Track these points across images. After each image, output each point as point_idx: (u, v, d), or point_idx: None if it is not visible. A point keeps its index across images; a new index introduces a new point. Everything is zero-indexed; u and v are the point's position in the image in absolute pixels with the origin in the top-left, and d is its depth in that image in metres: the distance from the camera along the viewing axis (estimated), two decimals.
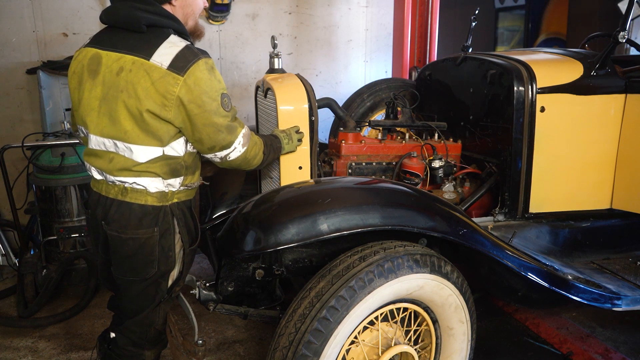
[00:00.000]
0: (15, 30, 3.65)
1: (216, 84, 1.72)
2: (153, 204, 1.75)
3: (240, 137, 1.83)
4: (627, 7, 2.38)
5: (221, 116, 1.74)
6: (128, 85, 1.64)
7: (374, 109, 3.46)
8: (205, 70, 1.68)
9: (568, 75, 2.45)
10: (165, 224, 1.78)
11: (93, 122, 1.73)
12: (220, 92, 1.73)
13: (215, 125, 1.72)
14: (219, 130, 1.74)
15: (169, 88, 1.63)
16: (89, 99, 1.72)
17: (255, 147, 1.91)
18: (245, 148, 1.86)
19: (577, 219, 2.54)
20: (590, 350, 2.60)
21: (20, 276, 3.25)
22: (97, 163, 1.78)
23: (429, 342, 2.03)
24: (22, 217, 3.52)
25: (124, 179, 1.73)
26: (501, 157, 2.48)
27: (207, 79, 1.68)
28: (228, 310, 2.00)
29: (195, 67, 1.66)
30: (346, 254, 1.77)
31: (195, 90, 1.66)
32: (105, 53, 1.70)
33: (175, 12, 1.80)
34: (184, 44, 1.69)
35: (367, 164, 2.51)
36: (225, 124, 1.75)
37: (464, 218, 1.98)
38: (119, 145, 1.71)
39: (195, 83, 1.65)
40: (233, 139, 1.80)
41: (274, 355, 1.66)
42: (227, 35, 4.30)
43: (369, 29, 4.90)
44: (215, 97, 1.71)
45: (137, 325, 1.89)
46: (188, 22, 1.87)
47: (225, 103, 1.76)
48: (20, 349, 2.78)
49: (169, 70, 1.63)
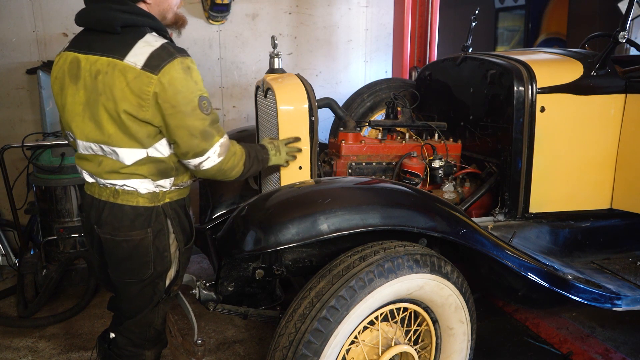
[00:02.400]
0: (15, 30, 3.65)
1: (192, 84, 1.65)
2: (145, 205, 1.74)
3: (217, 146, 1.75)
4: (627, 7, 2.38)
5: (197, 119, 1.66)
6: (105, 88, 1.62)
7: (374, 109, 3.46)
8: (181, 69, 1.63)
9: (568, 75, 2.45)
10: (158, 225, 1.77)
11: (78, 127, 1.71)
12: (198, 94, 1.67)
13: (188, 129, 1.66)
14: (192, 135, 1.67)
15: (143, 88, 1.59)
16: (72, 105, 1.71)
17: (234, 157, 1.83)
18: (222, 159, 1.77)
19: (577, 219, 2.54)
20: (590, 350, 2.60)
21: (20, 276, 3.24)
22: (87, 167, 1.78)
23: (429, 342, 2.03)
24: (22, 217, 3.52)
25: (114, 182, 1.72)
26: (501, 157, 2.48)
27: (182, 79, 1.63)
28: (228, 310, 1.99)
29: (170, 66, 1.60)
30: (346, 254, 1.78)
31: (170, 90, 1.61)
32: (84, 57, 1.67)
33: (151, 9, 1.75)
34: (159, 43, 1.64)
35: (367, 164, 2.51)
36: (200, 128, 1.68)
37: (464, 218, 1.98)
38: (105, 148, 1.70)
39: (170, 82, 1.60)
40: (207, 146, 1.72)
41: (274, 355, 1.66)
42: (227, 35, 4.30)
43: (369, 29, 4.89)
44: (190, 98, 1.65)
45: (136, 326, 1.89)
46: (166, 16, 1.82)
47: (204, 106, 1.68)
48: (20, 349, 2.78)
49: (143, 69, 1.59)
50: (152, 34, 1.68)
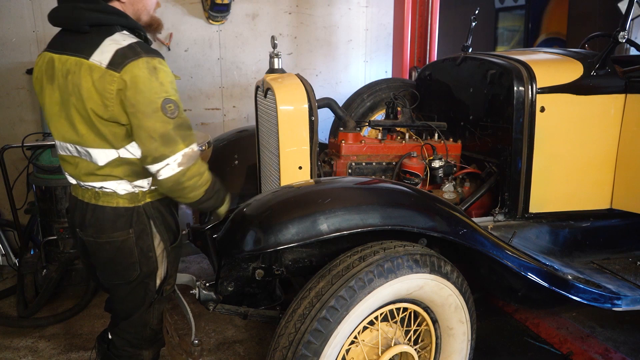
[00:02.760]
0: (15, 30, 3.65)
1: (156, 85, 1.59)
2: (125, 205, 1.73)
3: (180, 155, 1.64)
4: (627, 7, 2.38)
5: (158, 121, 1.59)
6: (75, 88, 1.60)
7: (374, 109, 3.46)
8: (145, 69, 1.57)
9: (568, 75, 2.45)
10: (140, 225, 1.75)
11: (56, 128, 1.72)
12: (163, 95, 1.60)
13: (147, 130, 1.59)
14: (151, 137, 1.60)
15: (106, 86, 1.57)
16: (50, 105, 1.71)
17: (197, 178, 1.72)
18: (181, 169, 1.65)
19: (577, 219, 2.54)
20: (590, 350, 2.60)
21: (20, 276, 3.24)
22: (67, 169, 1.78)
23: (428, 342, 2.03)
24: (22, 217, 3.52)
25: (92, 184, 1.71)
26: (501, 157, 2.48)
27: (145, 78, 1.57)
28: (228, 310, 1.99)
29: (133, 64, 1.56)
30: (346, 254, 1.77)
31: (131, 88, 1.56)
32: (57, 57, 1.66)
33: (126, 8, 1.73)
34: (127, 42, 1.60)
35: (367, 164, 2.51)
36: (161, 131, 1.60)
37: (464, 218, 1.98)
38: (79, 149, 1.69)
39: (132, 80, 1.56)
40: (168, 153, 1.62)
41: (274, 356, 1.66)
42: (227, 35, 4.30)
43: (369, 29, 4.89)
44: (153, 99, 1.58)
45: (131, 326, 1.89)
46: (141, 17, 1.79)
47: (169, 109, 1.61)
48: (20, 349, 2.78)
49: (107, 68, 1.56)
50: (123, 32, 1.65)
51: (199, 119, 4.34)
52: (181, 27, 4.11)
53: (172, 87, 1.64)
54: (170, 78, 1.65)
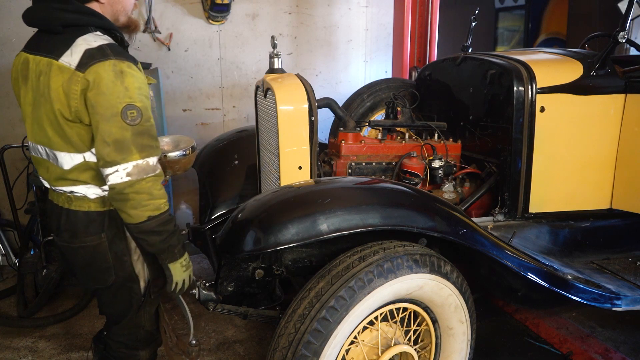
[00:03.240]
0: (16, 30, 3.65)
1: (120, 90, 1.54)
2: (97, 209, 1.71)
3: (130, 165, 1.56)
4: (627, 7, 2.38)
5: (115, 126, 1.54)
6: (45, 89, 1.58)
7: (374, 109, 3.46)
8: (111, 71, 1.53)
9: (568, 75, 2.45)
10: (113, 229, 1.74)
11: (28, 128, 1.70)
12: (126, 101, 1.54)
13: (102, 133, 1.55)
14: (104, 141, 1.55)
15: (72, 87, 1.54)
16: (24, 106, 1.70)
17: (146, 197, 1.59)
18: (129, 180, 1.56)
19: (577, 219, 2.54)
20: (590, 350, 2.60)
21: (20, 276, 3.25)
22: (40, 172, 1.76)
23: (428, 342, 2.03)
24: (22, 217, 3.52)
25: (62, 188, 1.69)
26: (501, 157, 2.48)
27: (109, 81, 1.53)
28: (228, 310, 1.99)
29: (99, 65, 1.53)
30: (346, 254, 1.77)
31: (93, 89, 1.53)
32: (32, 57, 1.64)
33: (104, 9, 1.71)
34: (98, 44, 1.57)
35: (367, 164, 2.51)
36: (116, 136, 1.54)
37: (463, 218, 1.98)
38: (48, 152, 1.68)
39: (95, 81, 1.52)
40: (119, 160, 1.55)
41: (274, 356, 1.66)
42: (227, 35, 4.30)
43: (369, 29, 4.89)
44: (113, 103, 1.53)
45: (123, 330, 1.89)
46: (119, 18, 1.77)
47: (131, 116, 1.55)
48: (20, 349, 2.78)
49: (75, 69, 1.54)
50: (96, 33, 1.62)
51: (199, 119, 4.34)
52: (181, 27, 4.11)
53: (139, 93, 1.59)
54: (138, 84, 1.60)
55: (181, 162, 2.08)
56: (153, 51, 4.04)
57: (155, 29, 3.99)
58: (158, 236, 1.65)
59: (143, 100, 1.60)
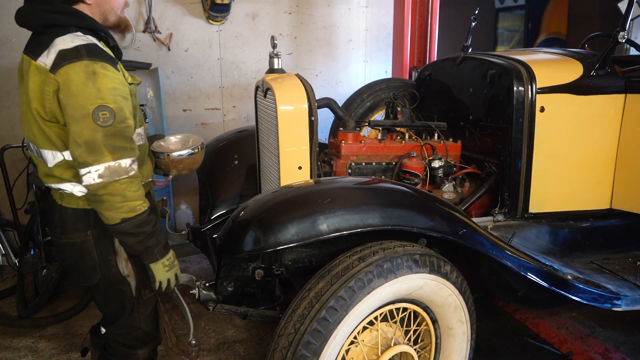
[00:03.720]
0: (16, 30, 3.65)
1: (92, 91, 1.53)
2: (84, 207, 1.73)
3: (102, 166, 1.56)
4: (627, 7, 2.38)
5: (86, 127, 1.54)
6: (27, 89, 1.62)
7: (374, 109, 3.46)
8: (82, 72, 1.53)
9: (568, 75, 2.44)
10: (99, 227, 1.74)
11: (24, 126, 1.74)
12: (98, 102, 1.54)
13: (73, 134, 1.56)
14: (76, 142, 1.56)
15: (45, 88, 1.57)
16: (21, 105, 1.73)
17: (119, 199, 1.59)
18: (101, 181, 1.57)
19: (577, 219, 2.54)
20: (590, 350, 2.60)
21: (20, 276, 3.25)
22: (37, 168, 1.80)
23: (428, 342, 2.03)
24: (22, 217, 3.52)
25: (51, 185, 1.72)
26: (501, 157, 2.48)
27: (79, 82, 1.53)
28: (228, 310, 1.99)
29: (70, 66, 1.53)
30: (345, 254, 1.77)
31: (63, 90, 1.54)
32: (24, 57, 1.68)
33: (92, 9, 1.72)
34: (75, 44, 1.57)
35: (366, 164, 2.51)
36: (87, 137, 1.55)
37: (463, 218, 1.98)
38: (36, 150, 1.71)
39: (65, 82, 1.53)
40: (91, 161, 1.56)
41: (274, 356, 1.66)
42: (227, 35, 4.30)
43: (369, 29, 4.89)
44: (84, 104, 1.53)
45: (120, 329, 1.91)
46: (108, 18, 1.78)
47: (103, 117, 1.55)
48: (20, 349, 2.78)
49: (49, 70, 1.56)
50: (76, 34, 1.62)
51: (199, 119, 4.34)
52: (181, 27, 4.11)
53: (114, 94, 1.58)
54: (113, 84, 1.59)
55: (185, 162, 2.07)
56: (153, 51, 4.04)
57: (155, 29, 3.99)
58: (134, 237, 1.65)
59: (118, 101, 1.60)
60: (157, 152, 2.06)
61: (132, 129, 1.67)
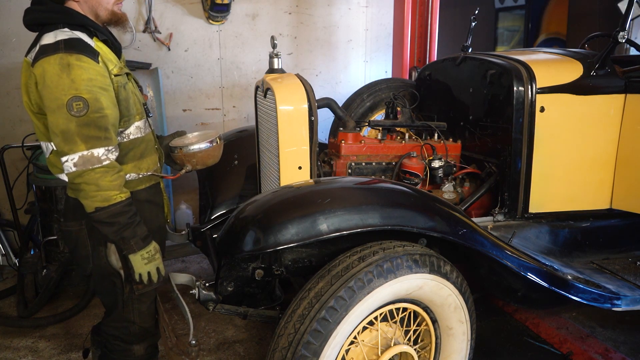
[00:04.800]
0: (16, 30, 3.65)
1: (66, 82, 1.58)
2: None
3: (76, 156, 1.61)
4: (627, 7, 2.38)
5: (61, 117, 1.60)
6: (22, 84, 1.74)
7: (374, 109, 3.46)
8: (57, 65, 1.58)
9: (568, 75, 2.44)
10: None
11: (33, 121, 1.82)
12: (72, 93, 1.59)
13: (51, 125, 1.63)
14: (54, 132, 1.63)
15: (29, 81, 1.68)
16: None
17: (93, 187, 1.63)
18: (76, 170, 1.62)
19: (576, 219, 2.54)
20: (590, 350, 2.60)
21: (20, 276, 3.25)
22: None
23: (428, 342, 2.03)
24: (22, 217, 3.52)
25: (57, 175, 1.81)
26: (501, 157, 2.48)
27: (53, 74, 1.58)
28: (228, 310, 2.00)
29: (45, 60, 1.59)
30: (345, 254, 1.78)
31: (40, 83, 1.61)
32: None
33: (82, 7, 1.77)
34: (57, 39, 1.62)
35: (366, 164, 2.51)
36: (62, 127, 1.61)
37: (463, 218, 1.98)
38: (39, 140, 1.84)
39: (40, 75, 1.60)
40: (67, 150, 1.62)
41: (274, 356, 1.66)
42: (227, 35, 4.30)
43: (369, 29, 4.89)
44: (58, 95, 1.58)
45: (115, 322, 1.95)
46: (99, 13, 1.80)
47: (77, 107, 1.59)
48: (20, 349, 2.78)
49: (31, 64, 1.66)
50: (63, 30, 1.67)
51: (199, 119, 4.34)
52: (181, 27, 4.11)
53: (89, 85, 1.61)
54: (88, 75, 1.61)
55: (197, 156, 2.08)
56: (153, 51, 4.04)
57: (155, 29, 3.99)
58: (109, 227, 1.69)
59: (94, 91, 1.63)
60: (172, 146, 2.11)
61: (110, 118, 1.68)
